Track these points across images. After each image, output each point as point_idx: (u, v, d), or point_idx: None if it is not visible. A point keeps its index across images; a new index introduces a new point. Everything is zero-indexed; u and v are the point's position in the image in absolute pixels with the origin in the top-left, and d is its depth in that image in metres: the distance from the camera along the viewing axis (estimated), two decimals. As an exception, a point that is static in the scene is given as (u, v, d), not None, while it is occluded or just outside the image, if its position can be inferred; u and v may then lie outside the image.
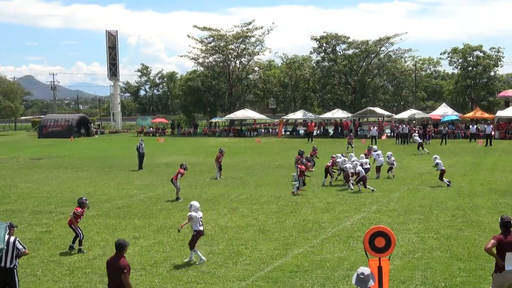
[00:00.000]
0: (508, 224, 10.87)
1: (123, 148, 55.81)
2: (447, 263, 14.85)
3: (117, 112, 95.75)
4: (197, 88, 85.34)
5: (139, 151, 37.36)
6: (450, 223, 19.24)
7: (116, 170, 37.03)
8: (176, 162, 39.86)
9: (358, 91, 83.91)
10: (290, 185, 28.56)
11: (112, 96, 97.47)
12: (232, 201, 24.35)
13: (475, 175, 31.27)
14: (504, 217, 11.08)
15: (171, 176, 27.03)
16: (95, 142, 68.23)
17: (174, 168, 36.66)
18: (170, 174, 33.79)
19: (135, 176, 33.54)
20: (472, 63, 79.25)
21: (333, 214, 21.14)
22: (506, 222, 10.89)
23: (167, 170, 35.89)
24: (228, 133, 76.98)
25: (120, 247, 10.69)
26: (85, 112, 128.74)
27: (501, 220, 11.02)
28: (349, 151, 37.80)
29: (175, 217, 21.21)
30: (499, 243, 10.62)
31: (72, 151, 53.31)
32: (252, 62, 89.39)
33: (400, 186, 27.75)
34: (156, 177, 32.84)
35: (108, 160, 43.22)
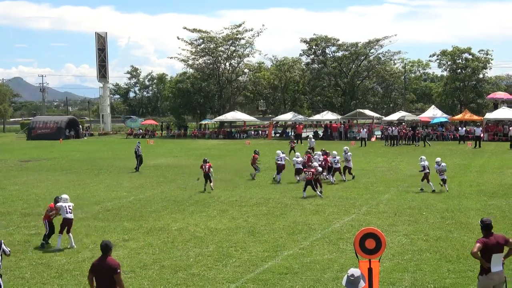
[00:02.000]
0: (489, 226, 10.95)
1: (113, 150, 55.65)
2: (436, 264, 14.87)
3: (107, 114, 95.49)
4: (186, 90, 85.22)
5: (137, 153, 37.27)
6: (440, 225, 19.29)
7: (105, 172, 36.90)
8: (166, 164, 39.87)
9: (347, 93, 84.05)
10: (279, 187, 28.62)
11: (101, 98, 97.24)
12: (221, 203, 24.32)
13: (464, 177, 31.39)
14: (485, 219, 11.13)
15: (160, 178, 26.96)
16: (84, 144, 67.97)
17: (164, 170, 36.70)
18: (160, 176, 33.77)
19: (124, 178, 33.43)
20: (461, 65, 79.60)
21: (322, 216, 21.15)
22: (487, 224, 10.97)
23: (156, 172, 35.80)
24: (218, 135, 76.93)
25: (107, 248, 10.60)
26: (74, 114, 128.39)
27: (482, 223, 11.05)
28: (291, 155, 37.53)
29: (164, 219, 21.15)
30: (484, 246, 10.66)
31: (61, 153, 53.07)
32: (242, 64, 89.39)
33: (389, 188, 27.81)
34: (146, 179, 32.74)
35: (97, 162, 43.07)
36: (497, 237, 10.93)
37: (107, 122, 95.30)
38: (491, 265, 10.68)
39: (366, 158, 43.27)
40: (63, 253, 16.74)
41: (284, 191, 27.49)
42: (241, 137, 74.27)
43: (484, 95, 79.56)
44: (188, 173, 35.63)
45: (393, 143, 56.12)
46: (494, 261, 10.69)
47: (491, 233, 10.89)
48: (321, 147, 36.61)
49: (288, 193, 26.82)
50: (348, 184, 29.42)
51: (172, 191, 28.21)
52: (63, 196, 18.14)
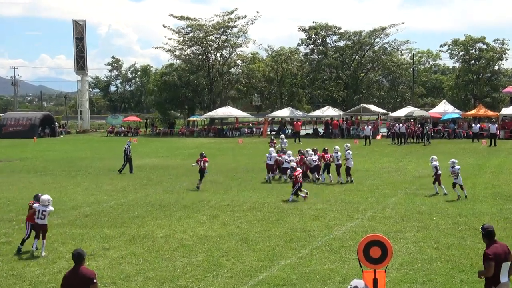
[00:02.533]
0: (492, 233, 10.94)
1: (92, 150, 55.55)
2: (448, 274, 14.88)
3: (85, 109, 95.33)
4: (173, 83, 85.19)
5: (127, 153, 37.06)
6: (452, 231, 19.30)
7: (83, 174, 36.82)
8: (151, 165, 39.82)
9: (350, 86, 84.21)
10: (275, 190, 28.60)
11: (79, 92, 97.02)
12: (212, 208, 24.28)
13: (478, 179, 31.43)
14: (487, 226, 11.10)
15: (144, 180, 26.91)
16: (60, 143, 67.82)
17: (148, 172, 36.64)
18: (144, 179, 33.71)
19: (104, 181, 33.35)
20: (475, 56, 79.83)
21: (323, 222, 21.14)
22: (491, 231, 10.94)
23: (139, 174, 35.74)
24: (208, 133, 76.92)
25: (80, 257, 10.53)
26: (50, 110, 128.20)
27: (485, 231, 10.99)
28: None
29: (149, 225, 21.11)
30: (496, 258, 10.63)
31: (35, 153, 52.94)
32: (234, 55, 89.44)
33: (396, 191, 27.82)
34: (128, 182, 32.67)
35: (75, 163, 42.98)
36: (502, 244, 10.94)
37: (85, 118, 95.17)
38: (501, 276, 10.67)
39: (370, 158, 43.32)
40: (36, 264, 16.67)
41: (280, 194, 27.47)
42: (233, 135, 74.28)
43: (500, 89, 79.83)
44: (175, 174, 35.57)
45: (401, 142, 56.21)
46: (503, 271, 10.69)
47: (494, 241, 10.88)
48: (322, 146, 36.58)
49: (285, 196, 26.79)
50: (351, 187, 29.43)
51: (157, 194, 28.15)
52: (43, 197, 17.91)
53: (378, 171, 35.47)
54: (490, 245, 10.80)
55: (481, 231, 11.08)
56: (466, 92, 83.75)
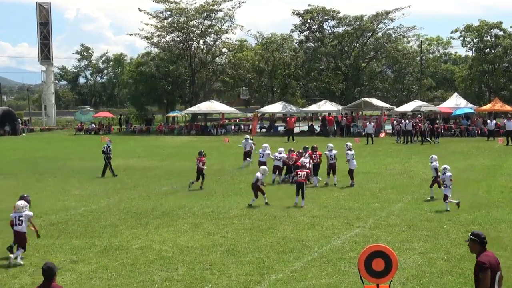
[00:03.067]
0: (485, 240, 11.00)
1: (58, 149, 55.38)
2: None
3: (51, 104, 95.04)
4: (150, 74, 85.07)
5: (107, 154, 36.84)
6: (464, 241, 19.34)
7: (49, 177, 36.70)
8: (125, 167, 39.74)
9: (350, 78, 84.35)
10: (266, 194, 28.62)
11: (44, 85, 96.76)
12: (194, 215, 24.26)
13: (494, 181, 31.52)
14: (478, 232, 11.13)
15: (118, 184, 26.86)
16: (23, 141, 67.58)
17: (122, 175, 36.54)
18: (117, 182, 33.65)
19: (73, 184, 33.26)
20: (490, 43, 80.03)
21: (319, 231, 21.16)
22: (485, 238, 11.01)
23: (112, 178, 35.66)
24: (190, 131, 76.84)
25: (51, 273, 10.50)
26: (10, 105, 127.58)
27: (479, 237, 11.01)
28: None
29: (123, 235, 21.07)
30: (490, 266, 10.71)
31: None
32: (219, 43, 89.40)
33: (402, 196, 27.88)
34: (100, 186, 32.60)
35: (39, 165, 42.85)
36: (493, 254, 11.05)
37: (51, 114, 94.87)
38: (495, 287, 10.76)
39: (373, 158, 43.41)
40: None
41: (272, 199, 27.45)
42: (219, 133, 74.25)
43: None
44: (152, 177, 35.52)
45: (407, 140, 56.29)
46: (498, 281, 10.79)
47: (485, 249, 10.96)
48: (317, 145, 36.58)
49: (276, 201, 26.79)
50: (351, 191, 29.48)
51: (132, 200, 28.11)
52: (17, 204, 18.59)
53: (382, 173, 35.54)
54: (481, 254, 10.87)
55: (473, 238, 11.06)
56: (481, 84, 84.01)
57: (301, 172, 26.75)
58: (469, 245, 11.05)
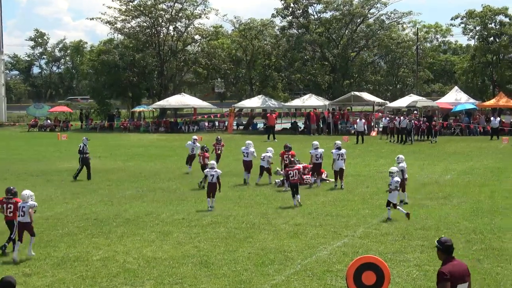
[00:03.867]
0: (452, 248, 11.23)
1: (9, 149, 55.10)
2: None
3: (0, 97, 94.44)
4: (114, 64, 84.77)
5: (83, 153, 36.53)
6: (464, 252, 19.47)
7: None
8: (85, 168, 39.48)
9: (338, 69, 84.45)
10: (244, 199, 28.63)
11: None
12: (163, 223, 24.24)
13: (498, 185, 31.71)
14: (444, 239, 11.38)
15: (77, 188, 26.76)
16: (-32, 139, 67.18)
17: (81, 177, 36.40)
18: (76, 186, 33.49)
19: (25, 188, 32.98)
20: (494, 31, 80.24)
21: (303, 240, 21.20)
22: (450, 246, 11.23)
23: (70, 179, 35.52)
24: (158, 128, 76.68)
25: (10, 286, 10.53)
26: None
27: (442, 245, 11.26)
28: None
29: (82, 245, 21.01)
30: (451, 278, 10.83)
31: None
32: (191, 29, 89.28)
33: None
34: (56, 189, 32.47)
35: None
36: (461, 264, 11.25)
37: (0, 109, 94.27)
38: None
39: (364, 159, 43.55)
40: None
41: (250, 205, 27.51)
42: (190, 130, 74.09)
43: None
44: (115, 180, 35.43)
45: (401, 139, 56.41)
46: None
47: (452, 258, 11.16)
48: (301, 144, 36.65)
49: (255, 207, 26.85)
50: (338, 196, 29.55)
51: (93, 206, 28.03)
52: (22, 193, 20.62)
53: (373, 176, 35.67)
54: (446, 263, 11.01)
55: (437, 245, 11.27)
56: (484, 77, 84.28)
57: (292, 171, 27.36)
58: (437, 253, 11.27)
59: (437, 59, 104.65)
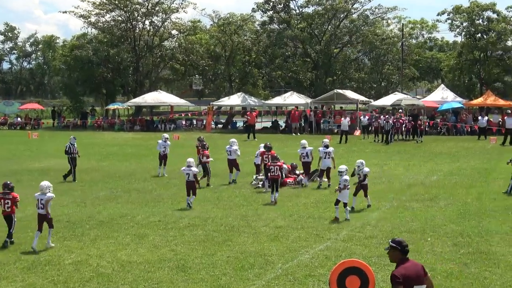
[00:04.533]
0: (407, 248, 11.38)
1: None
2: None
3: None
4: (87, 59, 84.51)
5: (71, 153, 36.28)
6: (451, 256, 19.51)
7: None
8: (56, 168, 39.41)
9: (321, 66, 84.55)
10: (223, 201, 28.62)
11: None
12: (138, 225, 24.17)
13: (485, 187, 31.81)
14: (399, 240, 11.52)
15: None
16: None
17: (53, 177, 36.24)
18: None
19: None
20: (482, 28, 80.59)
21: (284, 244, 21.19)
22: (406, 246, 11.40)
23: (41, 180, 35.26)
24: (133, 126, 76.53)
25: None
26: None
27: (400, 245, 11.41)
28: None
29: (53, 248, 20.90)
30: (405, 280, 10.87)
31: None
32: (168, 23, 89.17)
33: (380, 203, 28.02)
34: (25, 190, 32.21)
35: (-46, 165, 42.38)
36: (416, 264, 11.42)
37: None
38: None
39: (347, 159, 43.54)
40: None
41: (229, 207, 27.48)
42: (167, 129, 73.98)
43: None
44: (89, 181, 35.31)
45: (386, 139, 56.51)
46: None
47: (407, 259, 11.32)
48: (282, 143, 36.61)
49: (234, 209, 26.81)
50: (320, 197, 29.57)
51: (65, 207, 27.92)
52: (40, 184, 22.12)
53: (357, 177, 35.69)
54: (399, 265, 11.07)
55: (394, 245, 11.41)
56: (471, 75, 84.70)
57: (274, 166, 28.13)
58: (388, 253, 11.35)
59: (423, 56, 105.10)
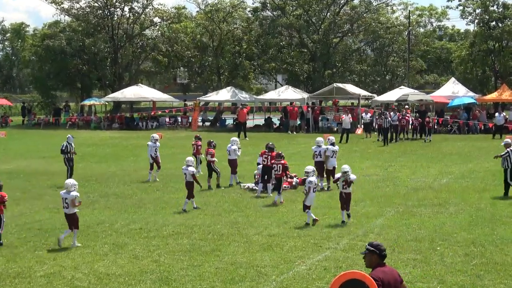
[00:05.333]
0: (385, 253, 11.60)
1: None
2: (457, 329, 15.11)
3: None
4: (60, 50, 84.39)
5: (68, 153, 35.76)
6: (462, 266, 19.57)
7: None
8: (26, 170, 39.37)
9: (319, 57, 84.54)
10: (211, 207, 28.66)
11: None
12: (117, 233, 24.18)
13: (500, 191, 31.79)
14: (376, 243, 11.74)
15: (16, 193, 26.60)
16: None
17: (23, 180, 36.26)
18: (16, 190, 33.26)
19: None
20: (497, 15, 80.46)
21: (279, 254, 21.22)
22: (383, 250, 11.62)
23: (10, 183, 35.30)
24: (111, 124, 76.42)
25: None
26: None
27: (379, 248, 11.63)
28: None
29: (24, 259, 20.90)
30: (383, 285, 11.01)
31: None
32: (149, 10, 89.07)
33: (384, 209, 28.08)
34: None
35: None
36: (392, 270, 11.66)
37: None
38: None
39: (348, 160, 43.52)
40: None
41: (217, 213, 27.51)
42: (149, 127, 74.02)
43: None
44: (62, 184, 35.20)
45: (391, 138, 56.48)
46: None
47: (384, 264, 11.55)
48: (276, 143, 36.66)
49: (224, 216, 26.84)
50: (319, 202, 29.57)
51: (36, 213, 27.91)
52: (66, 182, 23.62)
53: (358, 180, 35.53)
54: (376, 268, 11.21)
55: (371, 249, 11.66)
56: (484, 67, 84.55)
57: (277, 165, 29.24)
58: (364, 258, 11.63)
59: (432, 47, 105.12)
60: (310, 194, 25.05)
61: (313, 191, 25.18)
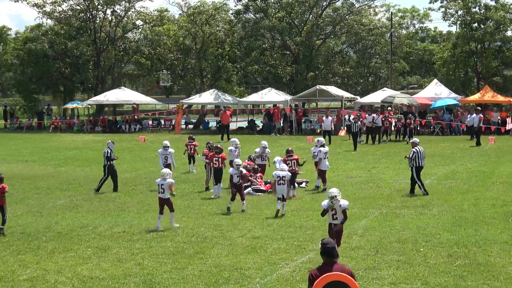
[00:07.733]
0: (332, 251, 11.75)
1: None
2: (440, 329, 15.13)
3: None
4: (42, 53, 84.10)
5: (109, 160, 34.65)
6: (446, 267, 19.60)
7: None
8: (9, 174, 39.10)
9: (302, 60, 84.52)
10: (194, 209, 28.64)
11: None
12: (100, 237, 24.12)
13: (483, 192, 31.94)
14: (326, 241, 11.93)
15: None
16: None
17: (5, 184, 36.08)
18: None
19: None
20: (479, 17, 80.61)
21: (262, 256, 21.21)
22: (330, 248, 11.73)
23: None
24: (94, 127, 76.29)
25: None
26: None
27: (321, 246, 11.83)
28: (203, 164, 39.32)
29: (6, 263, 20.83)
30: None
31: None
32: (132, 13, 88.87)
33: (368, 210, 28.10)
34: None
35: None
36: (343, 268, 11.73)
37: None
38: None
39: (331, 162, 43.62)
40: None
41: (201, 215, 27.48)
42: (132, 130, 73.89)
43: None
44: (45, 188, 35.17)
45: (374, 139, 56.56)
46: None
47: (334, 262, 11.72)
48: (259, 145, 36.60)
49: (207, 218, 26.82)
50: (302, 204, 29.62)
51: (19, 217, 27.81)
52: (162, 171, 26.14)
53: (342, 181, 35.76)
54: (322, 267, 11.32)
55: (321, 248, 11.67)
56: (467, 69, 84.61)
57: (291, 161, 30.20)
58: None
59: (414, 48, 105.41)
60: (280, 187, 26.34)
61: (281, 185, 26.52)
